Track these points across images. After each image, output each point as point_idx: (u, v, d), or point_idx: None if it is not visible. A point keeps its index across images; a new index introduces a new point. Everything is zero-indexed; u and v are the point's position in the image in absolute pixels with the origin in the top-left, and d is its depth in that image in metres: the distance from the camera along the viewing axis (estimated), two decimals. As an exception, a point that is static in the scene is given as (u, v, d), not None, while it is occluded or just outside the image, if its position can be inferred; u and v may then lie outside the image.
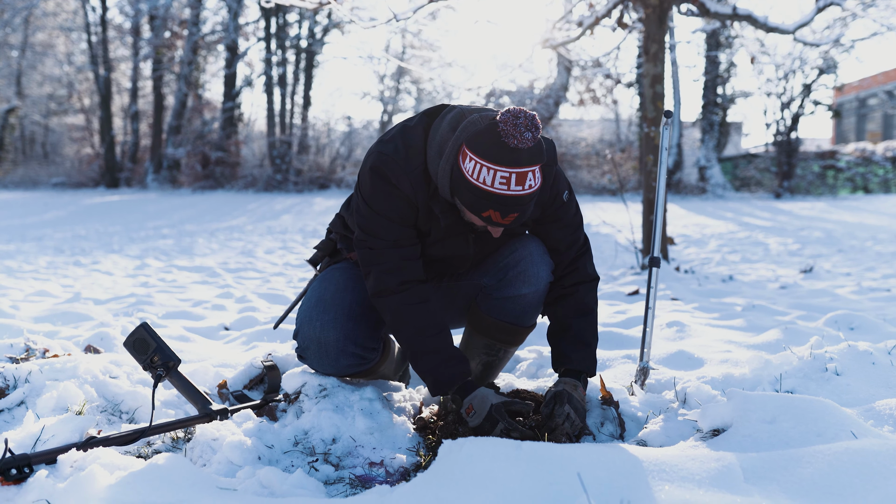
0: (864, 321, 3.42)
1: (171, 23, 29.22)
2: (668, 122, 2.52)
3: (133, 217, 18.04)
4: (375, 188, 2.06)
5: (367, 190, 2.09)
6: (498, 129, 1.85)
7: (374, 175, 2.06)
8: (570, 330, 2.26)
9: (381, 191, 2.06)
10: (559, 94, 24.88)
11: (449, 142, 1.99)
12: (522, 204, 1.91)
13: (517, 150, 1.84)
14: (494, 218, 1.93)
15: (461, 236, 2.20)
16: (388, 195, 2.06)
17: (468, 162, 1.89)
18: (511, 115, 1.84)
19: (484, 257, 2.36)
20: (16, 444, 1.84)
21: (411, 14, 5.13)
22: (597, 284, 2.35)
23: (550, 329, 2.33)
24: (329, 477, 1.90)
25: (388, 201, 2.07)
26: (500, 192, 1.87)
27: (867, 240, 11.03)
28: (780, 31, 7.60)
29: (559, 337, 2.28)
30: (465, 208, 1.97)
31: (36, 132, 36.70)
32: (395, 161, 2.04)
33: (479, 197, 1.90)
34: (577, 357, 2.22)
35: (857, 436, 1.60)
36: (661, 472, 1.47)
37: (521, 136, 1.83)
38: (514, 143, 1.83)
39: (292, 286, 6.73)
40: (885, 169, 23.35)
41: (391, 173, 2.04)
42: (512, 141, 1.83)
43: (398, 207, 2.07)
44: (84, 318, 4.33)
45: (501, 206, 1.89)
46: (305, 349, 2.20)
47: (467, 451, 1.52)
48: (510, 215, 1.92)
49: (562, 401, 2.06)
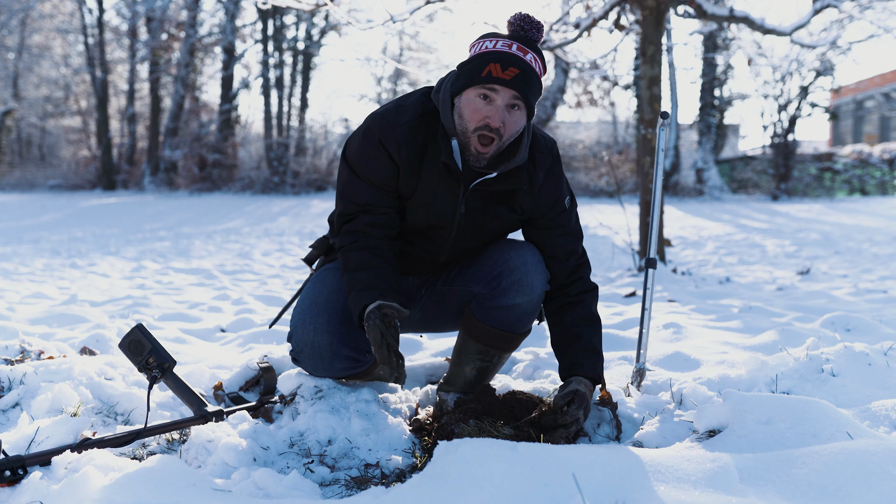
0: (861, 322, 3.43)
1: (167, 25, 29.20)
2: (664, 124, 2.52)
3: (130, 219, 18.02)
4: (360, 148, 2.14)
5: (353, 149, 2.16)
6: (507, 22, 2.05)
7: (363, 134, 2.14)
8: (580, 338, 2.21)
9: (364, 151, 2.13)
10: (556, 96, 24.91)
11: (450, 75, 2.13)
12: (522, 65, 1.98)
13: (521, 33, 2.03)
14: (494, 72, 1.96)
15: (449, 202, 2.17)
16: (369, 156, 2.12)
17: (471, 49, 2.05)
18: (519, 14, 2.04)
19: (473, 257, 2.34)
20: (10, 446, 1.84)
21: (408, 16, 5.14)
22: (597, 294, 2.34)
23: (557, 338, 2.27)
24: (325, 478, 1.90)
25: (368, 162, 2.13)
26: (502, 50, 1.99)
27: (864, 242, 11.05)
28: (777, 34, 7.62)
29: (569, 345, 2.22)
30: (465, 85, 2.01)
31: (32, 134, 36.63)
32: (384, 118, 2.12)
33: (480, 59, 2.00)
34: (590, 364, 2.17)
35: (853, 436, 1.60)
36: (656, 472, 1.47)
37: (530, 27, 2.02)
38: (517, 29, 2.03)
39: (289, 288, 6.72)
40: (882, 171, 23.39)
41: (378, 130, 2.11)
42: (519, 31, 2.02)
43: (377, 169, 2.12)
44: (80, 319, 4.32)
45: (501, 57, 1.97)
46: (300, 352, 2.19)
47: (463, 452, 1.52)
48: (510, 68, 1.96)
49: (580, 402, 2.01)
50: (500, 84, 1.96)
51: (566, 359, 2.21)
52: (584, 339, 2.21)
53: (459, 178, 2.12)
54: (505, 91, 1.98)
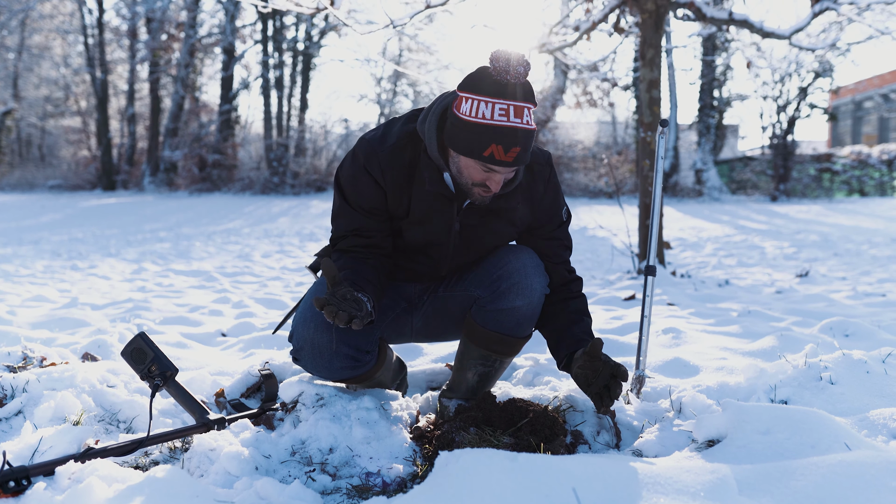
0: (859, 328, 3.44)
1: (167, 25, 29.21)
2: (663, 132, 2.54)
3: (130, 220, 18.03)
4: (348, 173, 2.20)
5: (343, 174, 2.22)
6: (490, 68, 1.95)
7: (351, 159, 2.20)
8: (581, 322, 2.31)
9: (352, 176, 2.19)
10: (556, 98, 24.95)
11: (436, 103, 2.11)
12: (523, 138, 1.97)
13: (511, 84, 1.94)
14: (497, 154, 1.96)
15: (444, 222, 2.22)
16: (357, 181, 2.18)
17: (465, 104, 1.98)
18: (502, 53, 1.95)
19: (473, 263, 2.37)
20: (14, 456, 1.85)
21: (408, 20, 5.14)
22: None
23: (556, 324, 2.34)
24: (326, 487, 1.91)
25: (356, 187, 2.19)
26: (501, 124, 1.94)
27: (863, 243, 11.06)
28: (777, 37, 7.63)
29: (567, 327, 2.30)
30: (466, 155, 2.00)
31: (32, 135, 36.64)
32: (370, 144, 2.17)
33: (481, 133, 1.95)
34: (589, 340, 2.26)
35: (852, 448, 1.61)
36: (656, 484, 1.48)
37: (514, 70, 1.93)
38: (507, 77, 1.93)
39: (289, 291, 6.73)
40: (881, 172, 23.42)
41: (363, 156, 2.16)
42: (505, 76, 1.93)
43: (365, 194, 2.18)
44: (81, 323, 4.33)
45: (503, 138, 1.95)
46: (300, 350, 2.21)
47: (464, 462, 1.53)
48: (513, 149, 1.96)
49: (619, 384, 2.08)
50: (503, 166, 2.00)
51: (569, 338, 2.29)
52: (584, 324, 2.32)
53: (452, 198, 2.17)
54: (506, 168, 2.02)
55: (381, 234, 2.24)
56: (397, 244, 2.31)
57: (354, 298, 1.91)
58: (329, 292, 1.89)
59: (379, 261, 2.24)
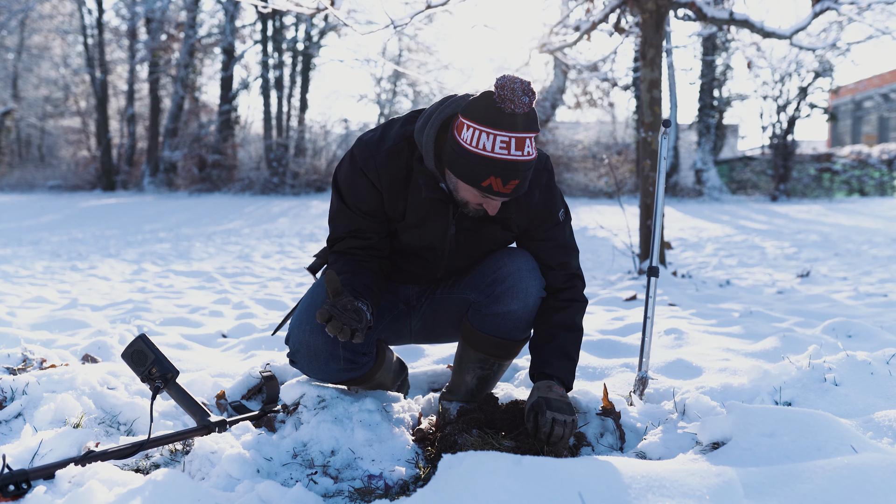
0: (862, 329, 3.43)
1: (167, 25, 29.20)
2: (666, 132, 2.52)
3: (130, 220, 18.02)
4: (346, 174, 2.19)
5: (341, 175, 2.21)
6: (494, 95, 1.89)
7: (349, 161, 2.19)
8: (555, 339, 2.26)
9: (350, 177, 2.17)
10: (556, 98, 24.95)
11: (435, 112, 2.05)
12: (522, 171, 1.93)
13: (515, 114, 1.88)
14: (496, 186, 1.93)
15: (440, 226, 2.20)
16: (354, 182, 2.16)
17: (466, 131, 1.92)
18: (507, 81, 1.88)
19: (469, 266, 2.35)
20: (14, 459, 1.83)
21: (408, 20, 5.13)
22: (585, 308, 2.37)
23: (534, 338, 2.32)
24: (328, 490, 1.90)
25: (353, 189, 2.17)
26: (501, 157, 1.90)
27: (863, 243, 11.05)
28: (777, 37, 7.62)
29: (543, 345, 2.27)
30: (464, 181, 1.97)
31: (32, 135, 36.62)
32: (367, 146, 2.15)
33: (480, 165, 1.92)
34: (559, 365, 2.22)
35: (857, 450, 1.60)
36: (661, 487, 1.47)
37: (519, 101, 1.87)
38: (512, 107, 1.87)
39: (290, 291, 6.72)
40: (881, 171, 23.42)
41: (360, 158, 2.14)
42: (509, 106, 1.87)
43: (362, 195, 2.17)
44: (81, 325, 4.31)
45: (503, 171, 1.91)
46: (296, 353, 2.20)
47: (467, 465, 1.52)
48: (511, 182, 1.93)
49: (542, 409, 2.02)
50: (500, 197, 1.99)
51: (537, 356, 2.27)
52: (559, 341, 2.25)
53: (448, 202, 2.16)
54: (504, 198, 2.01)
55: (378, 236, 2.23)
56: (393, 246, 2.30)
57: (355, 309, 1.89)
58: (330, 302, 1.88)
59: (377, 263, 2.24)
